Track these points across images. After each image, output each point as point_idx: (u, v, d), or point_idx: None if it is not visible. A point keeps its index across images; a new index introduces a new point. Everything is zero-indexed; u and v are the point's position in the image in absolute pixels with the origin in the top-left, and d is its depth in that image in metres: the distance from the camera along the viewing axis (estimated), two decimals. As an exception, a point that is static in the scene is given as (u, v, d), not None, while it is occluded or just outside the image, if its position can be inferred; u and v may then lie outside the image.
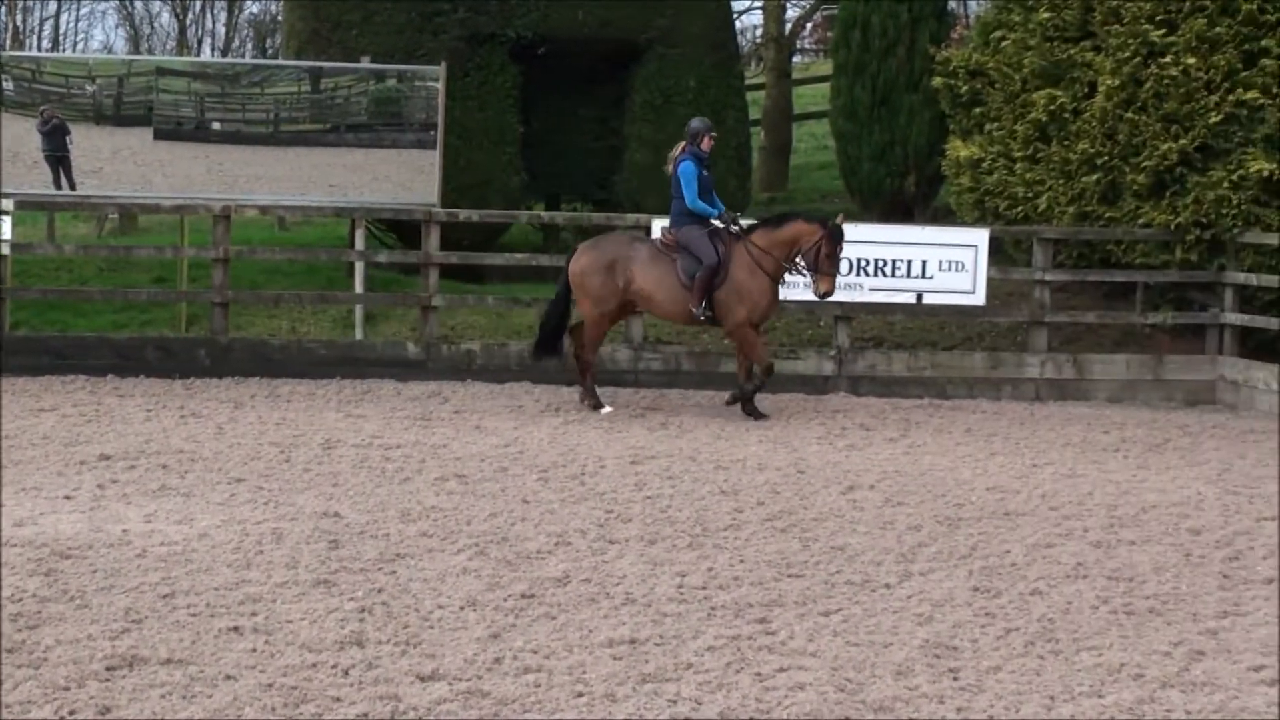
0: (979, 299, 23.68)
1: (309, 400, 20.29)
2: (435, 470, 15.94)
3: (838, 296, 22.69)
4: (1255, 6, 23.11)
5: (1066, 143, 23.97)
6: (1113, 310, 25.49)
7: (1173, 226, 23.15)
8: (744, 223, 19.94)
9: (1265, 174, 22.22)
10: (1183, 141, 22.60)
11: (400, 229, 26.80)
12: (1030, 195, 24.48)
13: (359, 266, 23.96)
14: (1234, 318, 23.64)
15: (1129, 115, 23.22)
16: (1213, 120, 22.50)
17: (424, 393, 21.46)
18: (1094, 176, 23.49)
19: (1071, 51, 24.44)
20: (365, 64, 25.90)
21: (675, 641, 9.99)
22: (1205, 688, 9.31)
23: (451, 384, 22.31)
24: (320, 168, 24.77)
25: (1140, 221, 23.36)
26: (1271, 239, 22.61)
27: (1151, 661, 9.82)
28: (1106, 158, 23.38)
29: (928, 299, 23.56)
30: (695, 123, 19.46)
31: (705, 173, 18.98)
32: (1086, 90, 24.02)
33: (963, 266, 23.45)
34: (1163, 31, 23.25)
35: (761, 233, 19.03)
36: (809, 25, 47.52)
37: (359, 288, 24.04)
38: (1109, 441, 19.23)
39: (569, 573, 11.61)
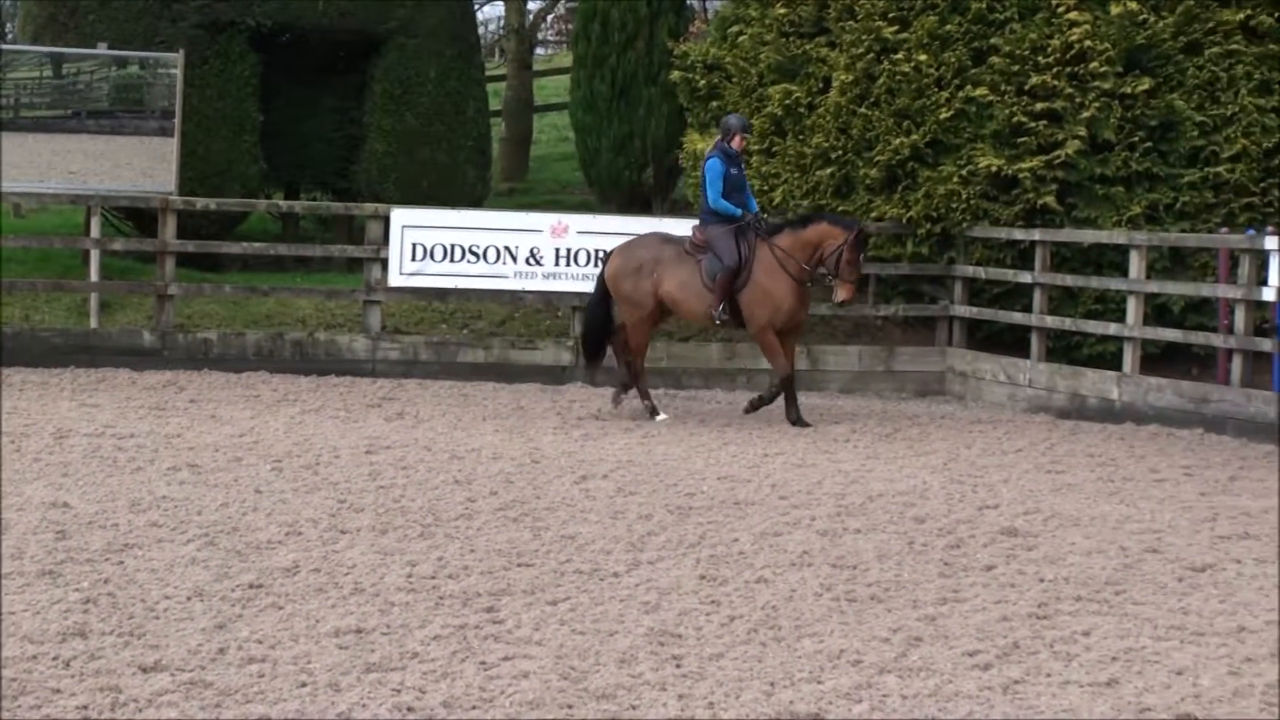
0: None
1: (41, 389, 20.08)
2: (168, 460, 15.76)
3: (574, 287, 23.33)
4: (984, 5, 23.75)
5: (801, 137, 24.37)
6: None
7: (904, 220, 23.76)
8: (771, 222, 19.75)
9: (994, 169, 22.80)
10: (914, 137, 23.16)
11: (138, 217, 26.49)
12: (766, 188, 24.74)
13: (94, 254, 23.74)
14: (963, 310, 24.30)
15: (862, 110, 23.71)
16: (943, 116, 23.06)
17: (160, 382, 21.35)
18: (828, 170, 23.90)
19: (807, 47, 24.88)
20: (104, 50, 25.58)
21: (402, 631, 9.98)
22: (921, 672, 9.42)
23: (188, 373, 22.23)
24: (61, 154, 24.52)
25: (873, 215, 23.78)
26: (1000, 233, 23.32)
27: (870, 647, 9.92)
28: (840, 152, 23.78)
29: None
30: (730, 119, 19.08)
31: (734, 171, 18.58)
32: (821, 85, 24.43)
33: None
34: (895, 28, 23.78)
35: (786, 234, 18.60)
36: (550, 18, 47.95)
37: (94, 276, 23.77)
38: (840, 432, 19.54)
39: (298, 562, 11.55)
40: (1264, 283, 20.53)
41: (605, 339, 19.85)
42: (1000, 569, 12.45)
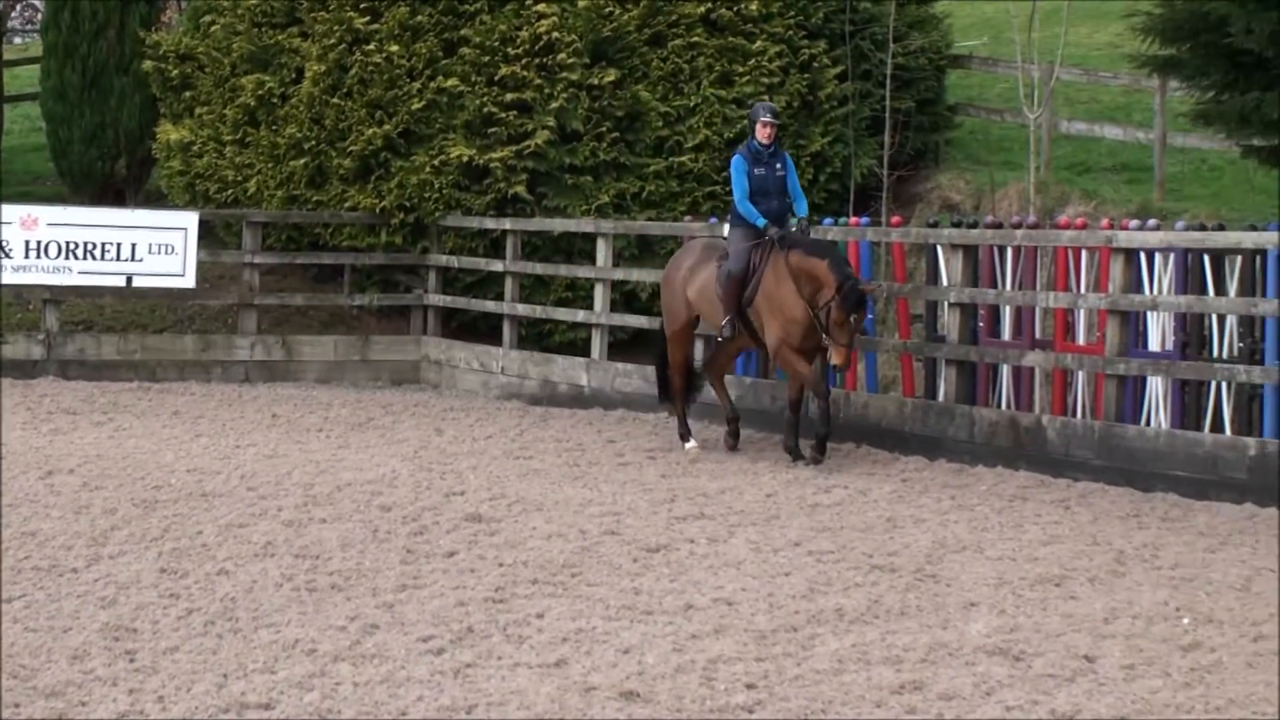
0: (189, 282, 24.10)
1: None
2: None
3: (45, 279, 22.70)
4: None
5: (275, 127, 24.38)
6: (321, 292, 26.02)
7: (378, 210, 23.98)
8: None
9: (465, 159, 23.09)
10: (386, 127, 23.36)
11: None
12: (240, 179, 24.86)
13: None
14: (436, 299, 24.83)
15: (335, 101, 23.85)
16: (415, 107, 23.36)
17: None
18: (302, 161, 23.99)
19: (280, 37, 24.84)
20: None
21: None
22: (375, 659, 9.40)
23: None
24: None
25: (347, 205, 24.09)
26: (472, 222, 23.60)
27: (326, 636, 9.88)
28: (314, 142, 23.90)
29: (138, 282, 23.86)
30: (754, 108, 16.83)
31: (760, 170, 16.04)
32: (295, 76, 24.53)
33: (173, 249, 23.85)
34: (367, 19, 24.00)
35: (798, 253, 16.04)
36: (19, 5, 46.43)
37: None
38: (313, 421, 19.74)
39: None
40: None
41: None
42: (461, 554, 12.55)
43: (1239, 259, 16.74)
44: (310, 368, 24.80)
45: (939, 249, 19.14)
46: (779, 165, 15.86)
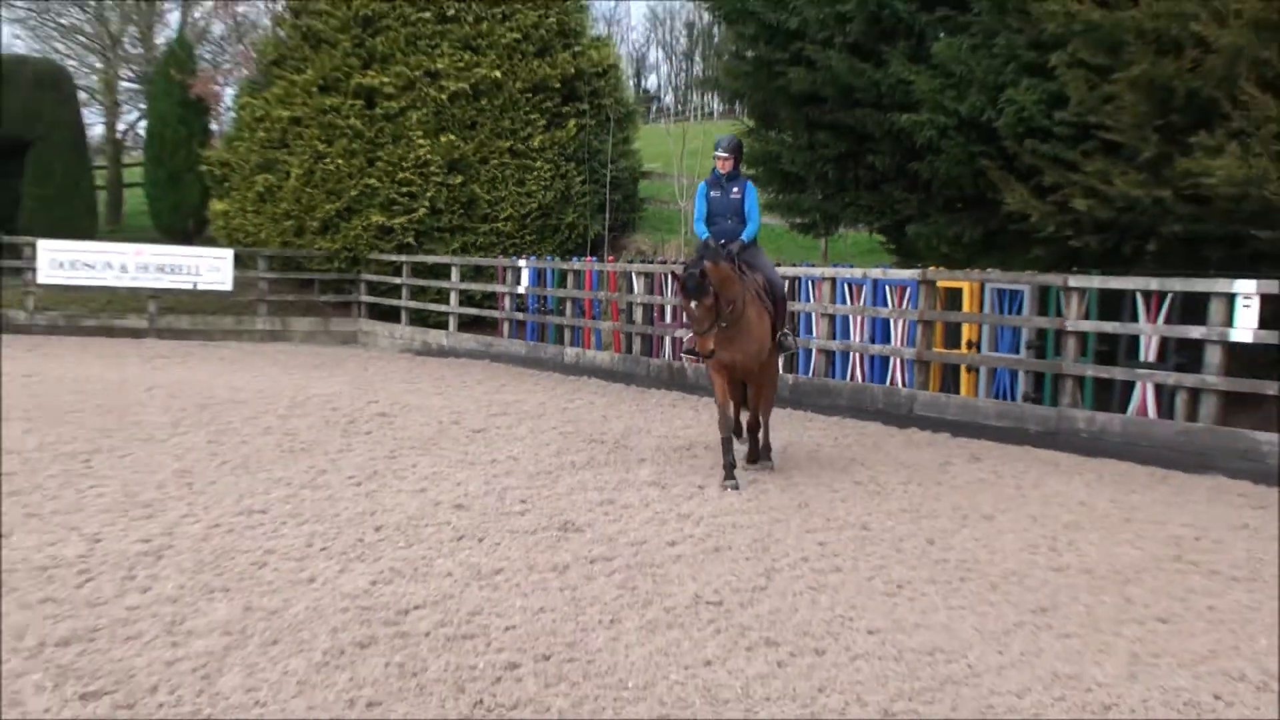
0: (229, 287, 26.36)
1: None
2: None
3: (149, 284, 24.43)
4: (374, 133, 25.67)
5: (275, 204, 26.96)
6: (302, 294, 27.80)
7: (333, 250, 26.60)
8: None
9: (380, 223, 26.10)
10: (337, 204, 26.46)
11: None
12: (256, 231, 27.33)
13: None
14: (366, 298, 27.24)
15: (308, 190, 26.17)
16: (352, 193, 26.26)
17: None
18: (290, 222, 26.76)
19: (277, 153, 26.49)
20: None
21: None
22: (322, 488, 10.14)
23: None
24: None
25: (316, 247, 26.52)
26: (386, 257, 26.22)
27: (296, 476, 10.61)
28: (297, 212, 26.62)
29: (200, 286, 26.20)
30: (717, 141, 12.59)
31: (716, 194, 12.19)
32: (285, 175, 26.78)
33: (219, 269, 26.20)
34: (326, 144, 26.22)
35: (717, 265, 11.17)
36: (130, 133, 44.11)
37: None
38: (297, 364, 21.18)
39: None
40: (518, 281, 22.79)
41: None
42: (374, 434, 13.18)
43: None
44: (296, 335, 26.86)
45: (632, 274, 20.50)
46: (735, 189, 11.99)
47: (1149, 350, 14.18)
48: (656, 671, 6.24)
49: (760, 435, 12.32)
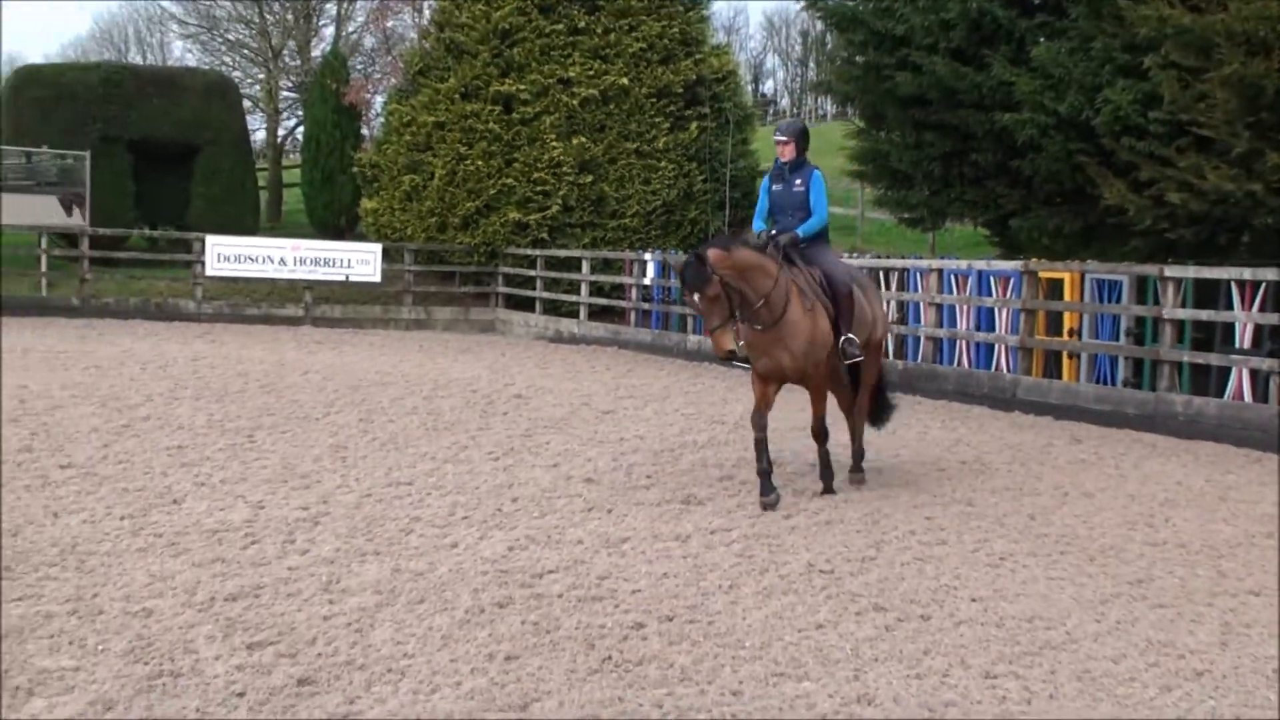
0: (378, 279, 26.59)
1: (19, 328, 20.77)
2: (81, 362, 16.63)
3: (305, 276, 25.07)
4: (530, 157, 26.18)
5: (420, 202, 26.65)
6: (444, 285, 27.53)
7: (473, 244, 26.78)
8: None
9: (516, 219, 26.28)
10: (477, 202, 26.50)
11: (68, 237, 27.47)
12: (403, 227, 27.45)
13: (43, 257, 26.05)
14: (503, 289, 27.34)
15: (450, 189, 26.40)
16: (491, 192, 26.41)
17: (81, 325, 22.72)
18: (434, 219, 26.95)
19: (421, 155, 26.73)
20: (46, 149, 28.05)
21: (202, 445, 10.97)
22: (464, 462, 10.48)
23: (98, 320, 23.74)
24: (25, 204, 26.40)
25: (458, 241, 26.91)
26: (522, 251, 26.33)
27: (440, 451, 10.94)
28: (440, 210, 26.69)
29: (352, 279, 26.46)
30: (777, 126, 10.53)
31: (778, 187, 10.14)
32: (430, 176, 26.77)
33: (369, 262, 26.57)
34: (466, 147, 26.23)
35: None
36: (289, 139, 45.03)
37: (44, 268, 26.15)
38: (438, 350, 21.29)
39: (150, 414, 12.43)
40: (645, 273, 23.39)
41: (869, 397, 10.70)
42: (510, 414, 13.43)
43: (895, 274, 18.25)
44: (438, 323, 26.98)
45: None
46: (798, 181, 9.97)
47: (1244, 337, 14.05)
48: (772, 633, 6.32)
49: (853, 444, 10.47)
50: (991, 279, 16.77)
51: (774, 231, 9.90)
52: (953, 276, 17.29)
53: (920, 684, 5.67)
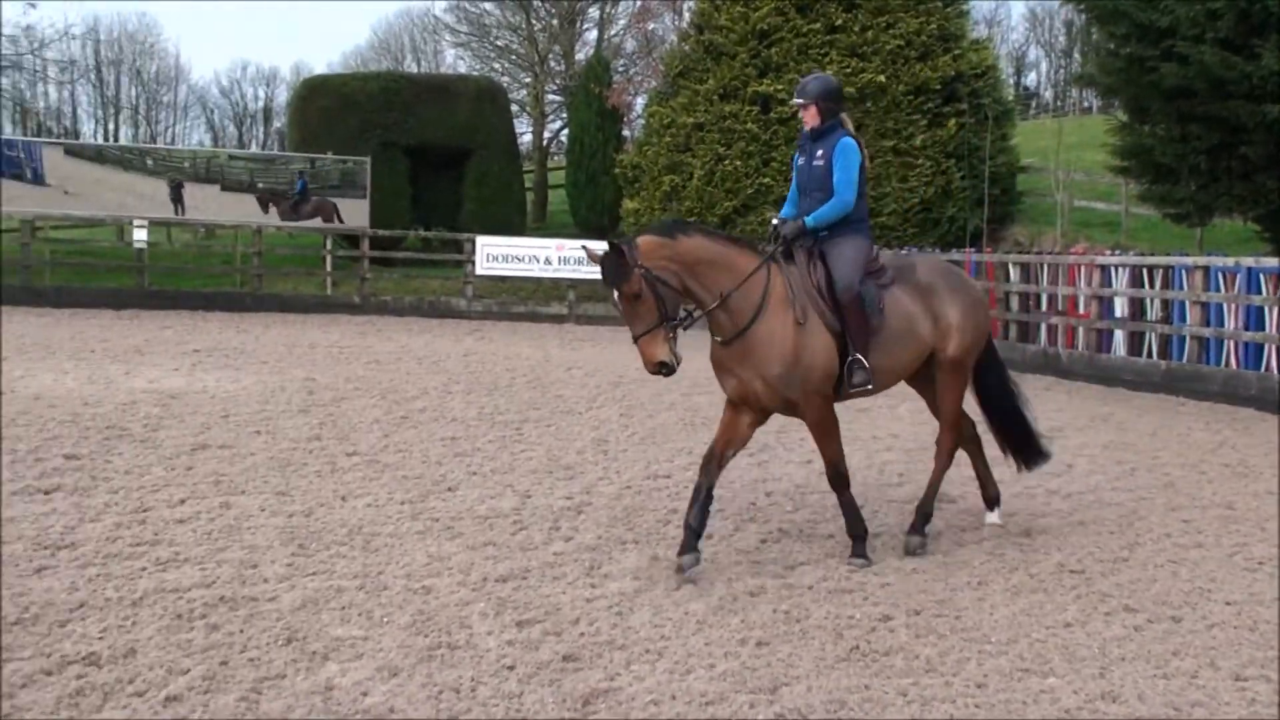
0: None
1: (302, 326, 22.29)
2: (362, 357, 17.51)
3: (568, 275, 25.80)
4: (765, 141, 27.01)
5: (680, 202, 27.17)
6: None
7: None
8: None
9: (773, 219, 26.38)
10: (734, 202, 26.97)
11: (350, 239, 28.74)
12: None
13: (329, 257, 27.92)
14: None
15: (709, 189, 26.82)
16: (748, 192, 26.61)
17: (362, 322, 23.95)
18: (694, 217, 26.16)
19: (681, 156, 27.29)
20: (330, 155, 29.54)
21: (475, 438, 11.64)
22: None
23: (376, 318, 25.17)
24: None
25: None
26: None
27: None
28: (699, 209, 26.99)
29: None
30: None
31: (801, 159, 8.03)
32: (689, 176, 27.37)
33: None
34: (724, 147, 26.75)
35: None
36: (555, 142, 45.78)
37: (329, 267, 27.87)
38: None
39: (425, 406, 13.00)
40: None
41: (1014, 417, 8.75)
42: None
43: (1159, 271, 17.81)
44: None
45: (1008, 264, 20.59)
46: (820, 153, 7.79)
47: None
48: (1019, 629, 6.40)
49: (922, 497, 8.29)
50: (1261, 276, 16.21)
51: (774, 221, 7.85)
52: (1219, 274, 16.82)
53: (1167, 684, 5.70)
